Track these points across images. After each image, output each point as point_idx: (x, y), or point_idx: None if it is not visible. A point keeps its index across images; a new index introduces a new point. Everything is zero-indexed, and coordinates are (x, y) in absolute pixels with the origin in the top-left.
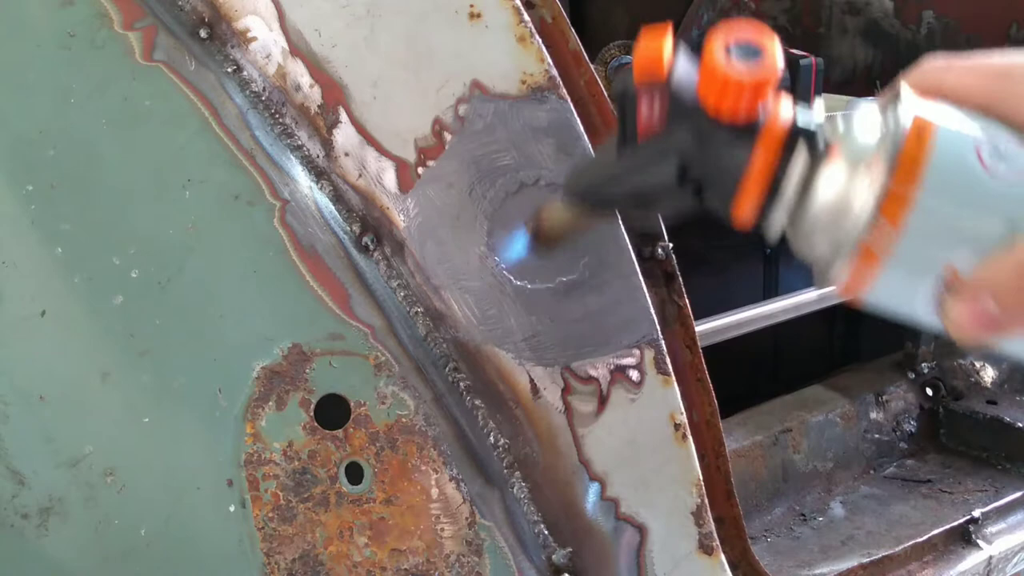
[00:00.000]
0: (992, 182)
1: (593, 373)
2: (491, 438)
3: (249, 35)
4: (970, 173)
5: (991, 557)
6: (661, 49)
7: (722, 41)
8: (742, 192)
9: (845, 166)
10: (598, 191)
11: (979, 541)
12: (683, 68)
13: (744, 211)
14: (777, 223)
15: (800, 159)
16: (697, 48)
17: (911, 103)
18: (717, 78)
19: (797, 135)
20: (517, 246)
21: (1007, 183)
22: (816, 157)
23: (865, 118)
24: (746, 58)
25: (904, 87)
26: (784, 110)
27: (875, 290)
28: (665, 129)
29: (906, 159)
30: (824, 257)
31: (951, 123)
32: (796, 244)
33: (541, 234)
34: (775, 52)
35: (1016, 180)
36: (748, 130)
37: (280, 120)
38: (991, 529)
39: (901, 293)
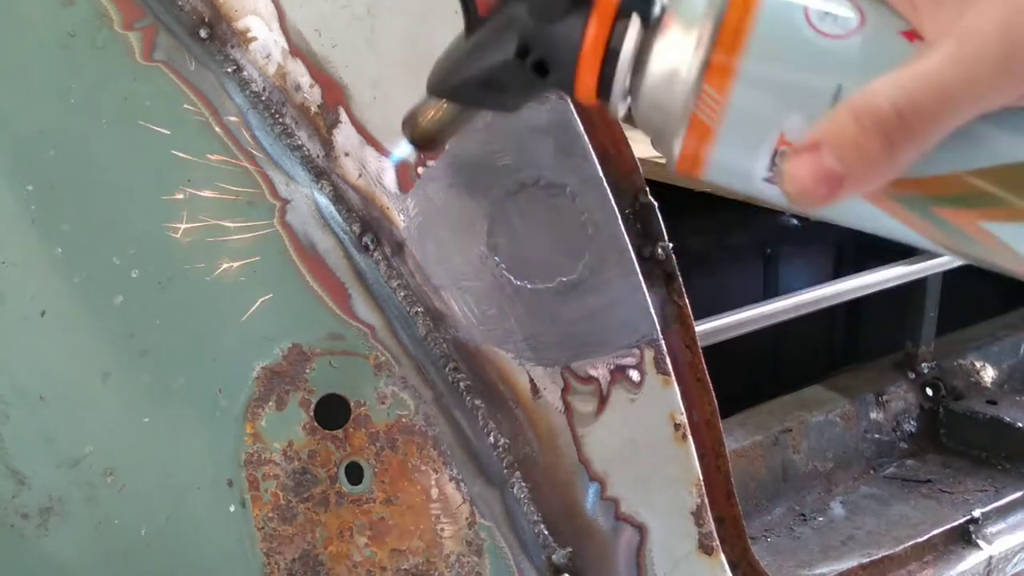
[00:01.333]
0: (820, 42)
1: (593, 373)
2: (491, 438)
3: (249, 35)
4: (797, 36)
5: (991, 557)
6: None
7: None
8: (580, 66)
9: (678, 35)
10: (452, 79)
11: (979, 541)
12: None
13: (584, 86)
14: (617, 97)
15: (634, 29)
16: None
17: None
18: None
19: (630, 5)
20: (401, 151)
21: (835, 43)
22: (650, 26)
23: None
24: None
25: None
26: None
27: (711, 164)
28: (500, 4)
29: (728, 26)
30: (662, 132)
31: None
32: (639, 120)
33: (419, 136)
34: None
35: (844, 38)
36: (584, 1)
37: (280, 120)
38: (991, 529)
39: (736, 166)
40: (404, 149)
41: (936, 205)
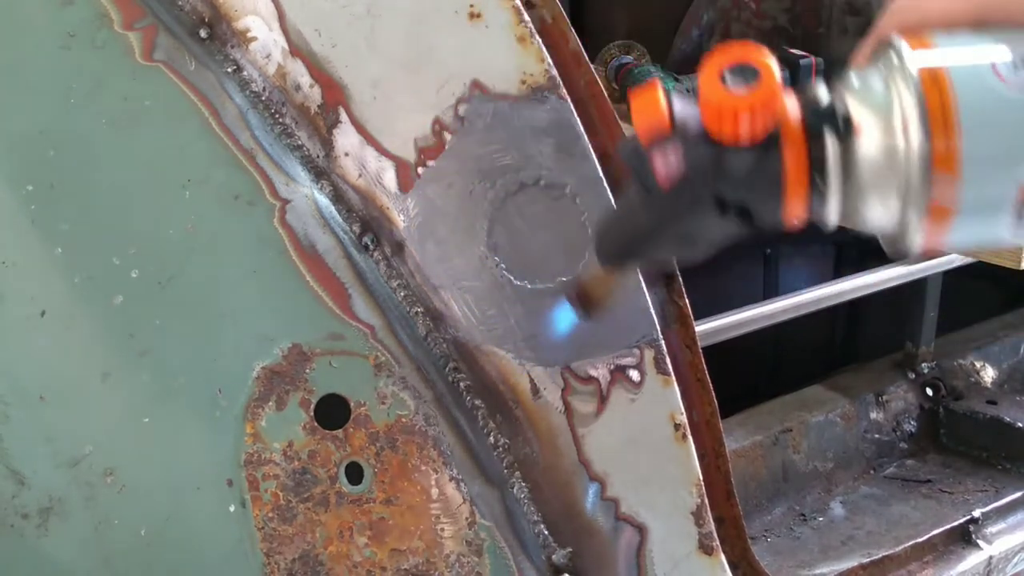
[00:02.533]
0: (1021, 95)
1: (593, 373)
2: (491, 438)
3: (249, 35)
4: (999, 97)
5: (991, 557)
6: (657, 103)
7: (715, 71)
8: (788, 196)
9: (876, 130)
10: (637, 249)
11: (979, 541)
12: (684, 111)
13: (795, 213)
14: (833, 210)
15: (830, 140)
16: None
17: (908, 52)
18: (722, 109)
19: (817, 121)
20: (566, 320)
21: None
22: (843, 133)
23: (866, 78)
24: (743, 79)
25: (890, 35)
26: (792, 106)
27: (955, 239)
28: (688, 174)
29: (934, 109)
30: (890, 227)
31: (958, 58)
32: (855, 224)
33: (586, 301)
34: (770, 65)
35: None
36: (769, 141)
37: (280, 120)
38: (991, 529)
39: (981, 231)
40: (568, 320)
41: None
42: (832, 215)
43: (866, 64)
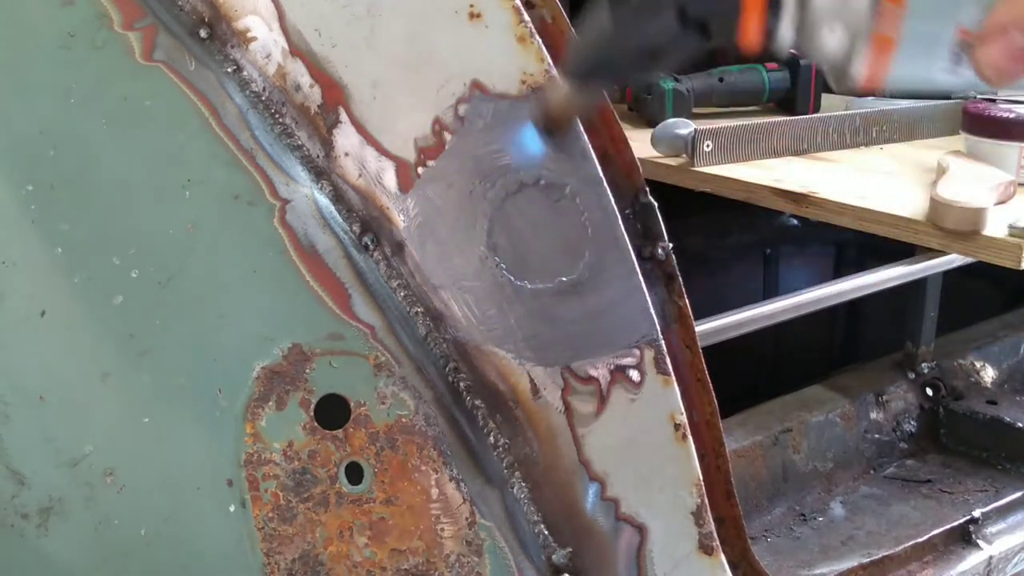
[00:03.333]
0: None
1: (593, 373)
2: (491, 438)
3: (249, 35)
4: None
5: (991, 557)
6: None
7: None
8: (744, 14)
9: None
10: (604, 63)
11: (979, 541)
12: None
13: (751, 33)
14: (786, 35)
15: None
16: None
17: None
18: None
19: None
20: (531, 142)
21: None
22: None
23: None
24: None
25: None
26: None
27: (894, 72)
28: None
29: None
30: (837, 57)
31: None
32: (808, 50)
33: (551, 121)
34: None
35: None
36: None
37: (280, 120)
38: (991, 529)
39: (919, 66)
40: (534, 142)
41: None
42: (785, 36)
43: None
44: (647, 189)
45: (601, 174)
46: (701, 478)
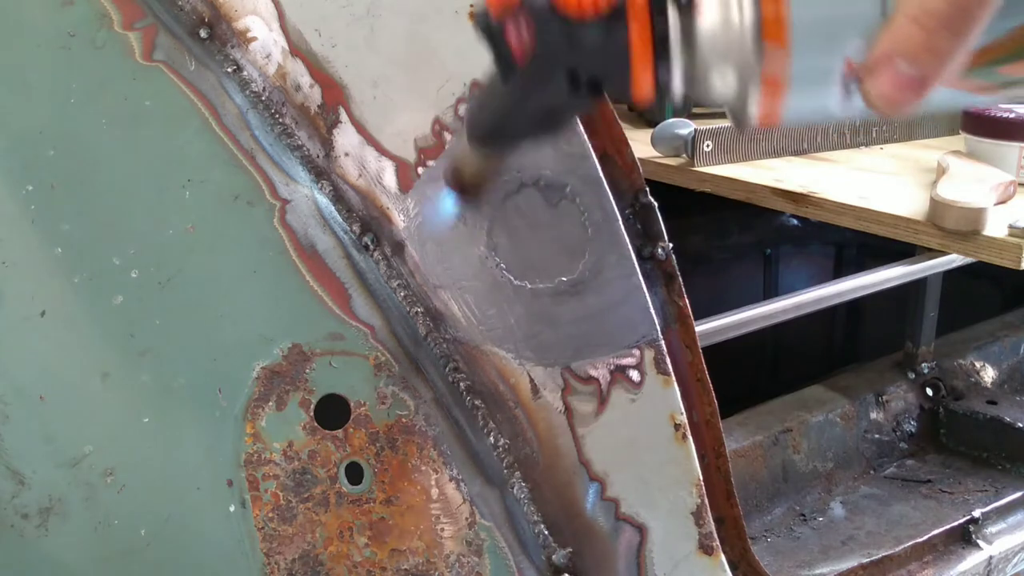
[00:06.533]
0: None
1: (593, 373)
2: (491, 438)
3: (249, 35)
4: None
5: (991, 557)
6: None
7: None
8: (634, 70)
9: (714, 3)
10: (502, 128)
11: (979, 541)
12: None
13: (643, 87)
14: (677, 85)
15: (672, 15)
16: None
17: None
18: None
19: None
20: (445, 205)
21: None
22: (685, 7)
23: None
24: None
25: None
26: None
27: (788, 112)
28: (538, 47)
29: None
30: (731, 100)
31: None
32: (702, 98)
33: (462, 185)
34: None
35: None
36: (615, 14)
37: (280, 120)
38: (991, 529)
39: (812, 104)
40: (450, 200)
41: (1000, 66)
42: (676, 86)
43: None
44: (647, 189)
45: (601, 174)
46: (701, 478)
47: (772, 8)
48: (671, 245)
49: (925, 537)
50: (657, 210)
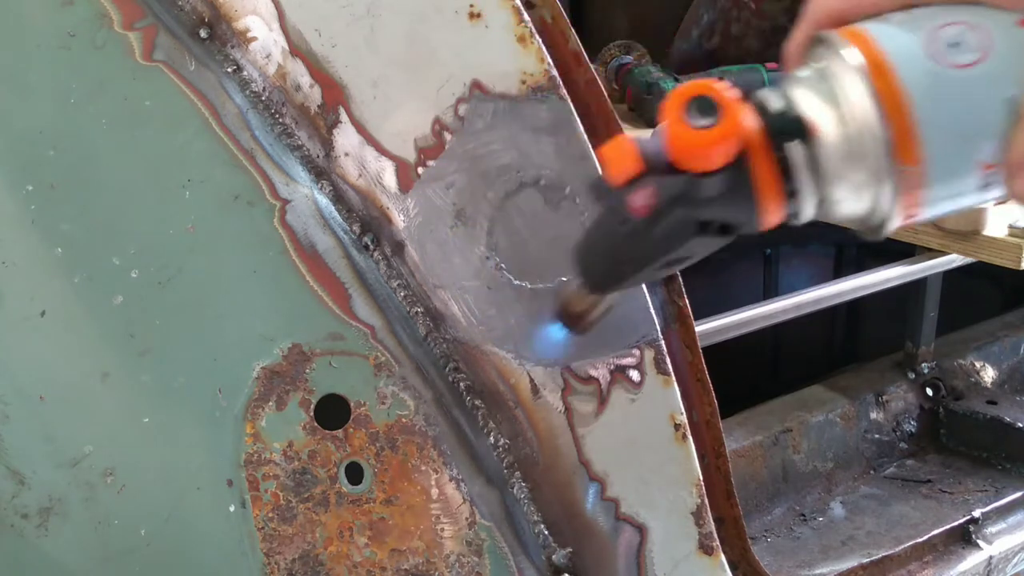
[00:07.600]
0: (965, 74)
1: (593, 373)
2: (491, 438)
3: (249, 35)
4: (946, 79)
5: (991, 557)
6: (629, 153)
7: (675, 110)
8: (763, 206)
9: (832, 124)
10: (621, 274)
11: (979, 541)
12: (649, 148)
13: (773, 218)
14: (808, 207)
15: (792, 144)
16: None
17: (842, 44)
18: (690, 148)
19: (776, 128)
20: (556, 338)
21: (977, 69)
22: (805, 136)
23: (811, 79)
24: (702, 113)
25: (822, 31)
26: (751, 122)
27: (926, 219)
28: (664, 207)
29: (887, 100)
30: (865, 214)
31: (894, 44)
32: (832, 216)
33: (574, 319)
34: (727, 97)
35: (982, 61)
36: (737, 161)
37: (280, 120)
38: (991, 529)
39: (950, 207)
40: (559, 338)
41: None
42: (808, 211)
43: (802, 59)
44: None
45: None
46: (701, 478)
47: (899, 128)
48: None
49: (925, 537)
50: None
